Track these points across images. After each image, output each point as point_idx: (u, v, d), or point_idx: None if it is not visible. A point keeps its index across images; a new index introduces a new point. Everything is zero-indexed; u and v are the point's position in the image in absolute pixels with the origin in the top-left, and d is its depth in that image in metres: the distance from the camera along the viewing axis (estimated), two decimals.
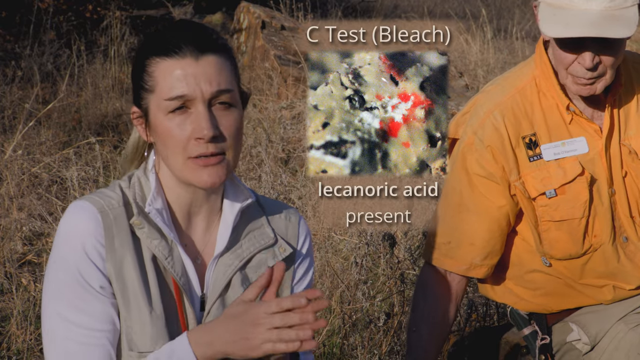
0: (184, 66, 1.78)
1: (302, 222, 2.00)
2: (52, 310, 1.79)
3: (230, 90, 1.81)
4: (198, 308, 1.86)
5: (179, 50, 1.79)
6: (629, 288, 2.56)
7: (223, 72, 1.81)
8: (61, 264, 1.80)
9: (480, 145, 2.49)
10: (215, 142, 1.79)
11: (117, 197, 1.85)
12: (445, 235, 2.58)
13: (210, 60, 1.80)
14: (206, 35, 1.83)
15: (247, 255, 1.90)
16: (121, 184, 1.88)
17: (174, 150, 1.80)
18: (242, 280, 1.89)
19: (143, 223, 1.83)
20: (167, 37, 1.82)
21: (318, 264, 3.87)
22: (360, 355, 3.28)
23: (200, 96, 1.78)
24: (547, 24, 2.35)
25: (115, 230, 1.81)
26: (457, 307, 2.64)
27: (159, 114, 1.81)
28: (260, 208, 1.97)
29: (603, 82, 2.40)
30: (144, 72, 1.82)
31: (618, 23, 2.30)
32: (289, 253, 1.94)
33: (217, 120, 1.80)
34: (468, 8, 9.55)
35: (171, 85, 1.78)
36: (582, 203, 2.48)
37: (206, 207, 1.90)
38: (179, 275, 1.83)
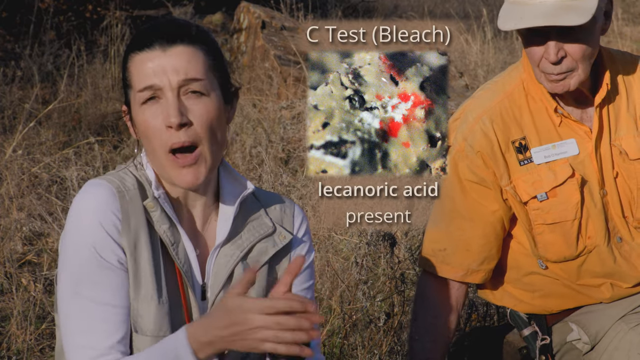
0: (153, 58, 1.83)
1: (296, 209, 2.02)
2: (68, 289, 1.80)
3: (199, 79, 1.84)
4: (200, 297, 1.88)
5: (150, 44, 1.84)
6: (627, 286, 2.56)
7: (193, 61, 1.84)
8: (77, 241, 1.80)
9: (471, 151, 2.50)
10: (186, 130, 1.82)
11: (132, 180, 1.88)
12: (441, 242, 2.58)
13: (179, 51, 1.84)
14: (176, 27, 1.87)
15: (247, 245, 1.92)
16: (130, 169, 1.91)
17: (154, 142, 1.83)
18: (244, 271, 1.89)
19: (156, 207, 1.85)
20: (140, 33, 1.88)
21: (318, 264, 3.87)
22: (360, 355, 3.28)
23: (168, 85, 1.82)
24: (503, 19, 2.37)
25: (130, 210, 1.83)
26: (458, 313, 2.64)
27: (135, 107, 1.85)
28: (256, 199, 1.99)
29: (576, 77, 2.39)
30: (125, 69, 1.88)
31: (572, 12, 2.30)
32: (289, 240, 1.96)
33: (188, 108, 1.83)
34: (468, 8, 9.54)
35: (142, 76, 1.83)
36: (573, 205, 2.48)
37: (202, 200, 1.92)
38: (182, 263, 1.85)
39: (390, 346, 3.31)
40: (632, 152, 2.51)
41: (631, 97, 2.54)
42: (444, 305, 2.60)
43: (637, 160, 2.51)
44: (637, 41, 8.42)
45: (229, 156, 5.36)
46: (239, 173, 2.00)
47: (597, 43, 2.41)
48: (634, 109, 2.54)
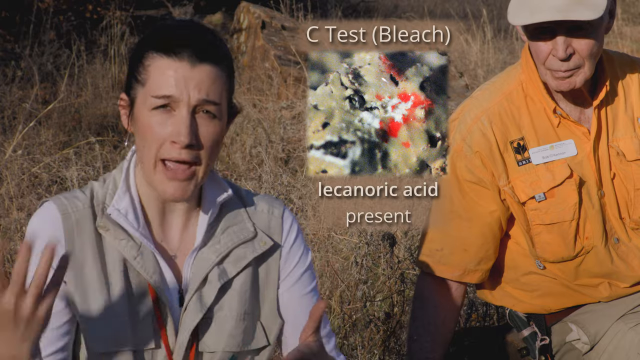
0: (178, 68, 1.78)
1: (286, 214, 1.99)
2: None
3: (217, 103, 1.81)
4: (177, 304, 1.86)
5: (179, 52, 1.79)
6: (624, 286, 2.56)
7: (215, 83, 1.81)
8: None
9: (469, 151, 2.50)
10: (190, 150, 1.79)
11: (84, 198, 1.85)
12: (438, 242, 2.58)
13: (206, 69, 1.80)
14: (209, 43, 1.82)
15: (224, 251, 1.89)
16: (94, 185, 1.89)
17: (149, 146, 1.80)
18: (220, 275, 1.88)
19: (107, 225, 1.83)
20: (170, 36, 1.82)
21: (318, 264, 3.87)
22: (360, 355, 3.28)
23: (187, 100, 1.78)
24: (514, 13, 2.36)
25: (76, 232, 1.81)
26: (457, 313, 2.64)
27: (143, 108, 1.81)
28: (240, 202, 1.96)
29: (582, 74, 2.39)
30: (140, 63, 1.82)
31: (583, 7, 2.30)
32: (270, 246, 1.94)
33: (198, 128, 1.80)
34: (468, 8, 9.54)
35: (161, 83, 1.78)
36: (571, 206, 2.48)
37: (182, 205, 1.89)
38: (150, 274, 1.83)
39: (390, 346, 3.31)
40: (630, 153, 2.51)
41: (629, 99, 2.54)
42: (443, 306, 2.60)
43: (635, 161, 2.51)
44: (637, 41, 8.42)
45: (229, 156, 5.36)
46: (240, 174, 1.99)
47: (602, 41, 2.41)
48: (631, 110, 2.54)
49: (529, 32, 2.39)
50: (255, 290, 1.93)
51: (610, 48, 3.03)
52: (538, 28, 2.36)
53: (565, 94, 2.47)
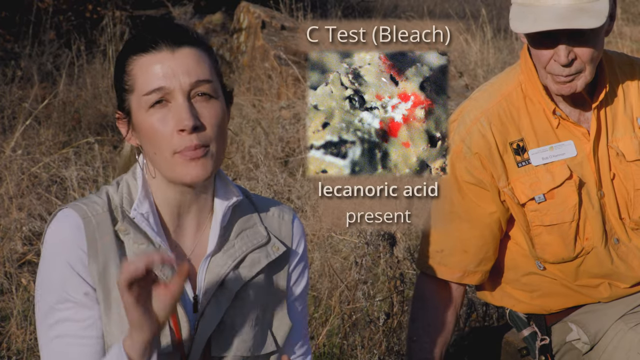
0: (161, 59, 1.78)
1: (296, 221, 2.00)
2: (43, 325, 1.80)
3: (209, 80, 1.80)
4: (191, 310, 1.85)
5: (155, 45, 1.79)
6: (625, 287, 2.56)
7: (201, 63, 1.81)
8: (46, 279, 1.80)
9: (468, 152, 2.49)
10: (198, 133, 1.78)
11: (102, 202, 1.84)
12: (438, 244, 2.58)
13: (187, 52, 1.80)
14: (181, 29, 1.83)
15: (240, 255, 1.89)
16: (109, 189, 1.88)
17: (159, 146, 1.79)
18: (235, 280, 1.87)
19: (128, 229, 1.82)
20: (142, 35, 1.83)
21: (318, 264, 3.87)
22: (360, 355, 3.28)
23: (179, 88, 1.77)
24: (516, 21, 2.36)
25: (98, 235, 1.80)
26: (456, 314, 2.64)
27: (140, 112, 1.80)
28: (252, 206, 1.96)
29: (583, 78, 2.39)
30: (124, 73, 1.82)
31: (586, 15, 2.29)
32: (283, 252, 1.94)
33: (198, 111, 1.79)
34: (468, 8, 9.54)
35: (149, 79, 1.78)
36: (571, 207, 2.48)
37: (196, 207, 1.88)
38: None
39: (390, 346, 3.31)
40: (629, 153, 2.51)
41: (628, 99, 2.54)
42: (442, 306, 2.60)
43: (634, 161, 2.51)
44: (637, 41, 8.42)
45: (229, 156, 5.36)
46: (239, 174, 1.99)
47: (603, 45, 2.41)
48: (630, 110, 2.54)
49: (531, 37, 2.39)
50: (267, 295, 1.93)
51: (610, 48, 3.03)
52: (540, 34, 2.35)
53: (565, 96, 2.47)
